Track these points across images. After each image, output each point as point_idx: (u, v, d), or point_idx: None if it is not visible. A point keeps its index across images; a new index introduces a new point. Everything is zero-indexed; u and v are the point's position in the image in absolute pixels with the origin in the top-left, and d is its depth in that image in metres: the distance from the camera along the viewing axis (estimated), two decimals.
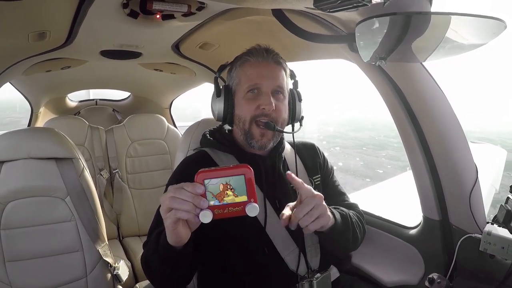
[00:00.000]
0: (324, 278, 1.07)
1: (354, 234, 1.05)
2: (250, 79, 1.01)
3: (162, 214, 0.74)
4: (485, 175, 2.23)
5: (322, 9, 0.74)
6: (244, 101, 1.02)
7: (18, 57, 1.60)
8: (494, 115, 70.85)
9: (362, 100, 75.02)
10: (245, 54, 1.05)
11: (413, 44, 0.84)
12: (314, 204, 0.84)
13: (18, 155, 1.31)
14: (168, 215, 0.72)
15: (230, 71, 1.09)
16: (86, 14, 1.12)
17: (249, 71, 1.02)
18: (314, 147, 1.24)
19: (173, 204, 0.71)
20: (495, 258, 1.08)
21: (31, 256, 1.29)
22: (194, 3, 1.09)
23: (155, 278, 0.95)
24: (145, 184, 2.48)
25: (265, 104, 0.98)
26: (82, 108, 3.12)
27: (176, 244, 0.79)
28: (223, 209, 0.71)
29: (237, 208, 0.72)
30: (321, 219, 0.85)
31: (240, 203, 0.72)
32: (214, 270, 1.08)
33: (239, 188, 0.71)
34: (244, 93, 1.02)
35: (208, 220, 0.70)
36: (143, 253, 0.99)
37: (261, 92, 1.00)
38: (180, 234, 0.76)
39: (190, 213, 0.71)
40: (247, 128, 1.02)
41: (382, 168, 15.84)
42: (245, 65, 1.04)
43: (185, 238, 0.78)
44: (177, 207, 0.71)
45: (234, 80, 1.06)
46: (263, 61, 1.03)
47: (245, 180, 0.71)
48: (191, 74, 2.17)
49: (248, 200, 0.72)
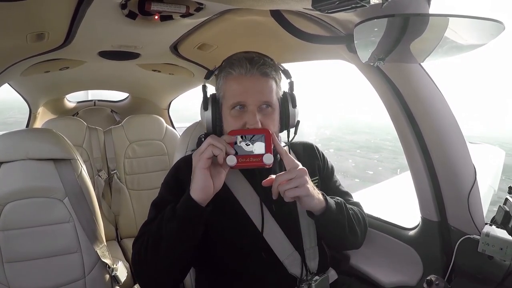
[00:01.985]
0: (322, 280, 1.07)
1: (351, 223, 1.04)
2: (233, 96, 0.96)
3: (197, 156, 0.87)
4: (484, 176, 2.23)
5: (321, 10, 0.74)
6: (230, 118, 0.98)
7: (17, 58, 1.59)
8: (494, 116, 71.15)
9: (360, 104, 75.17)
10: (228, 66, 0.98)
11: (412, 45, 0.84)
12: (295, 174, 0.89)
13: (16, 156, 1.31)
14: (206, 150, 0.85)
15: (217, 79, 1.04)
16: (85, 15, 1.12)
17: (232, 86, 0.97)
18: (313, 147, 1.22)
19: (212, 142, 0.85)
20: (494, 259, 1.08)
21: (29, 257, 1.29)
22: (192, 4, 1.09)
23: (152, 265, 0.91)
24: (143, 185, 2.47)
25: (250, 123, 0.94)
26: (80, 109, 3.11)
27: (202, 195, 0.86)
28: (246, 158, 0.88)
29: (256, 159, 0.88)
30: (299, 189, 0.89)
31: (259, 155, 0.88)
32: (212, 274, 1.08)
33: (259, 144, 0.89)
34: (229, 109, 0.98)
35: (232, 163, 0.87)
36: (137, 246, 0.95)
37: (246, 109, 0.96)
38: (208, 179, 0.86)
39: (222, 152, 0.85)
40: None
41: (373, 170, 16.23)
42: (228, 79, 0.98)
43: (209, 191, 0.87)
44: (215, 144, 0.85)
45: (220, 91, 1.02)
46: (247, 74, 0.95)
47: (265, 137, 0.89)
48: (189, 75, 2.16)
49: (266, 152, 0.88)
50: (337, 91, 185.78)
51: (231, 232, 1.02)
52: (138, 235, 0.99)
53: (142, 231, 0.98)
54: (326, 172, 1.20)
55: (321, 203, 0.95)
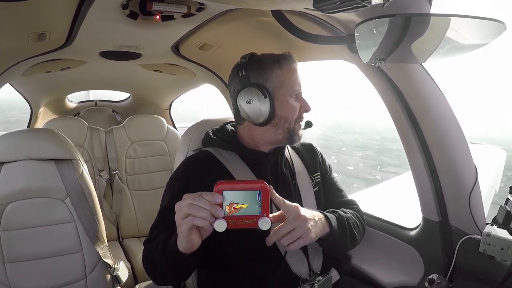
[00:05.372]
0: (325, 281, 1.07)
1: (352, 235, 1.06)
2: (295, 84, 1.05)
3: (178, 220, 0.76)
4: (485, 176, 2.23)
5: (322, 10, 0.74)
6: (290, 104, 1.04)
7: (18, 58, 1.59)
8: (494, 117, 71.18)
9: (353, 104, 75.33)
10: (283, 59, 1.06)
11: (413, 45, 0.84)
12: (296, 225, 0.85)
13: (18, 156, 1.31)
14: (184, 221, 0.74)
15: (262, 71, 1.03)
16: (86, 15, 1.12)
17: (293, 75, 1.06)
18: (312, 146, 1.27)
19: (191, 210, 0.73)
20: (495, 259, 1.07)
21: (31, 257, 1.29)
22: (193, 4, 1.09)
23: (160, 279, 0.99)
24: (145, 185, 2.47)
25: (307, 108, 1.06)
26: (81, 109, 3.11)
27: (186, 250, 0.81)
28: (237, 220, 0.74)
29: (250, 221, 0.74)
30: (303, 240, 0.86)
31: (254, 216, 0.74)
32: (215, 272, 1.08)
33: (254, 202, 0.74)
34: (290, 96, 1.04)
35: (222, 229, 0.73)
36: (145, 252, 1.00)
37: (299, 97, 1.07)
38: (193, 240, 0.78)
39: (206, 221, 0.73)
40: (292, 127, 1.05)
41: (353, 166, 16.46)
42: (287, 70, 1.05)
43: (196, 245, 0.80)
44: (195, 214, 0.73)
45: (273, 82, 1.03)
46: (296, 67, 1.07)
47: (261, 195, 0.74)
48: (190, 75, 2.16)
49: (262, 214, 0.75)
50: (336, 92, 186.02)
51: (236, 230, 1.02)
52: (148, 238, 1.02)
53: (150, 236, 1.02)
54: (324, 169, 1.24)
55: (325, 229, 0.97)
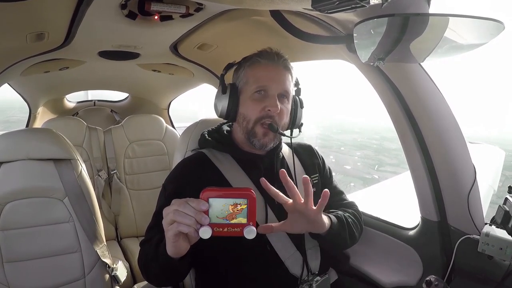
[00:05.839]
0: (324, 281, 1.07)
1: (351, 233, 1.07)
2: (258, 80, 1.02)
3: (164, 226, 0.76)
4: (484, 176, 2.23)
5: (320, 10, 0.74)
6: (250, 101, 1.02)
7: (16, 58, 1.59)
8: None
9: (353, 104, 75.59)
10: (255, 55, 1.05)
11: (411, 44, 0.84)
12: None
13: (16, 156, 1.31)
14: (170, 228, 0.74)
15: (237, 70, 1.09)
16: (84, 15, 1.12)
17: (258, 72, 1.03)
18: (311, 147, 1.26)
19: (176, 217, 0.73)
20: (493, 259, 1.08)
21: (29, 257, 1.29)
22: (192, 4, 1.09)
23: (154, 280, 0.99)
24: (143, 185, 2.47)
25: (271, 106, 0.99)
26: (80, 109, 3.11)
27: (174, 255, 0.81)
28: (223, 228, 0.74)
29: (236, 229, 0.74)
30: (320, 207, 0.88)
31: (240, 224, 0.74)
32: (213, 273, 1.08)
33: (240, 210, 0.74)
34: (251, 93, 1.02)
35: (207, 236, 0.73)
36: (140, 253, 1.00)
37: (267, 94, 1.01)
38: (180, 246, 0.78)
39: (191, 228, 0.73)
40: (251, 127, 1.02)
41: (351, 165, 16.50)
42: (254, 66, 1.04)
43: (184, 251, 0.79)
44: (180, 221, 0.72)
45: (241, 79, 1.06)
46: (273, 64, 1.03)
47: (248, 203, 0.73)
48: (189, 75, 2.16)
49: (247, 223, 0.74)
50: (335, 92, 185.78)
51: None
52: (143, 239, 1.03)
53: (145, 237, 1.03)
54: (325, 172, 1.23)
55: (327, 226, 0.97)
